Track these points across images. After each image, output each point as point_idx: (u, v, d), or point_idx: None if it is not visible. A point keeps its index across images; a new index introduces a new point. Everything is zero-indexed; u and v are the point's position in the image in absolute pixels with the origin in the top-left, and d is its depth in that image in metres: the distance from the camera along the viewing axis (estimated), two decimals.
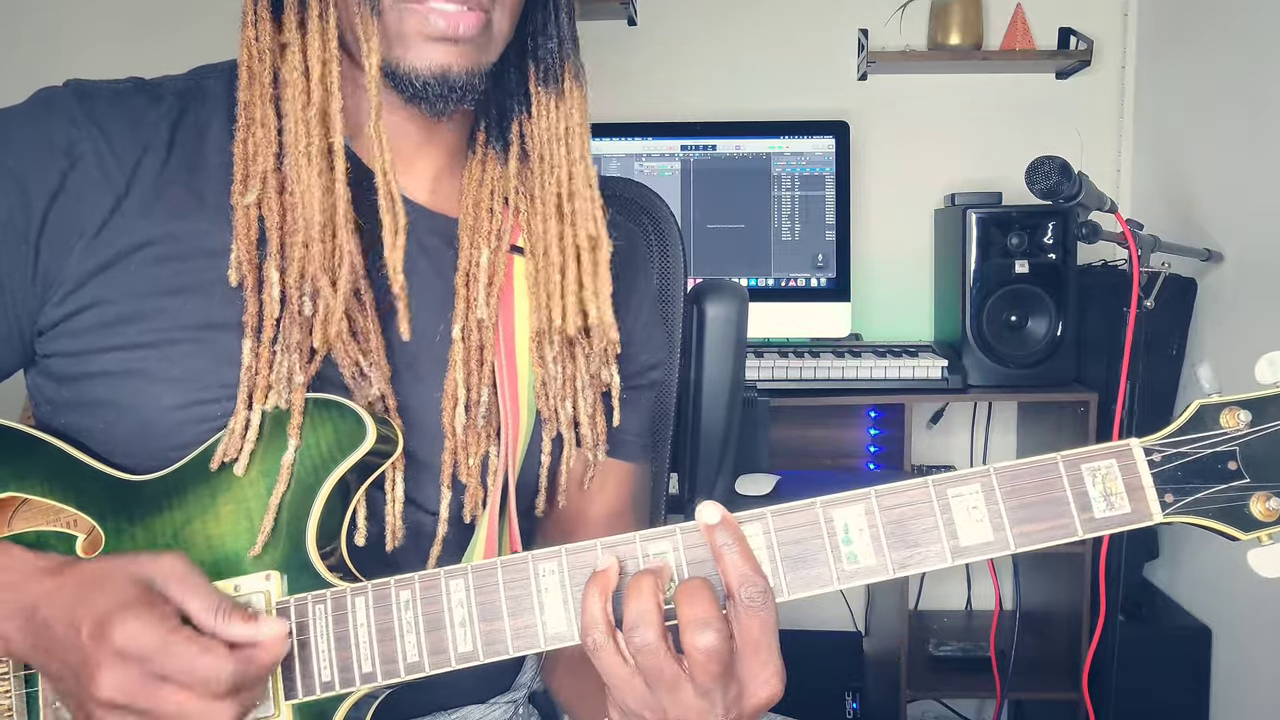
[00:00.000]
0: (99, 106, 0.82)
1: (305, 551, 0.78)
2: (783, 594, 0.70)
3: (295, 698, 0.76)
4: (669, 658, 0.67)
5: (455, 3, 0.81)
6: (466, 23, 0.81)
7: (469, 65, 0.83)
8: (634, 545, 0.72)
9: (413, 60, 0.82)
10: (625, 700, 0.69)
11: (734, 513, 0.71)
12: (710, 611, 0.67)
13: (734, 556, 0.68)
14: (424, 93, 0.83)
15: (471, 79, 0.84)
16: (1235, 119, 2.17)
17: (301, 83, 0.81)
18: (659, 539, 0.72)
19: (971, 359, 2.24)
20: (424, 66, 0.82)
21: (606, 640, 0.68)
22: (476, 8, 0.82)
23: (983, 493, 0.70)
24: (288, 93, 0.82)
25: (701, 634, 0.66)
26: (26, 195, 0.80)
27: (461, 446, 0.88)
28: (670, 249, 1.35)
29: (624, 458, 1.02)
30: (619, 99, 2.62)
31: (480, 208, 0.92)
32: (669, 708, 0.68)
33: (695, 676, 0.67)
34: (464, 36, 0.82)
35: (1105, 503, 0.69)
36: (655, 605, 0.67)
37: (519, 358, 0.92)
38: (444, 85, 0.83)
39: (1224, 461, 0.69)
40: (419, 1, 0.81)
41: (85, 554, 0.80)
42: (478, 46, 0.83)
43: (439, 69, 0.82)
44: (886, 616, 2.45)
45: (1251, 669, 2.09)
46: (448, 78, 0.82)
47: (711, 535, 0.69)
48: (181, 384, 0.81)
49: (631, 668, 0.68)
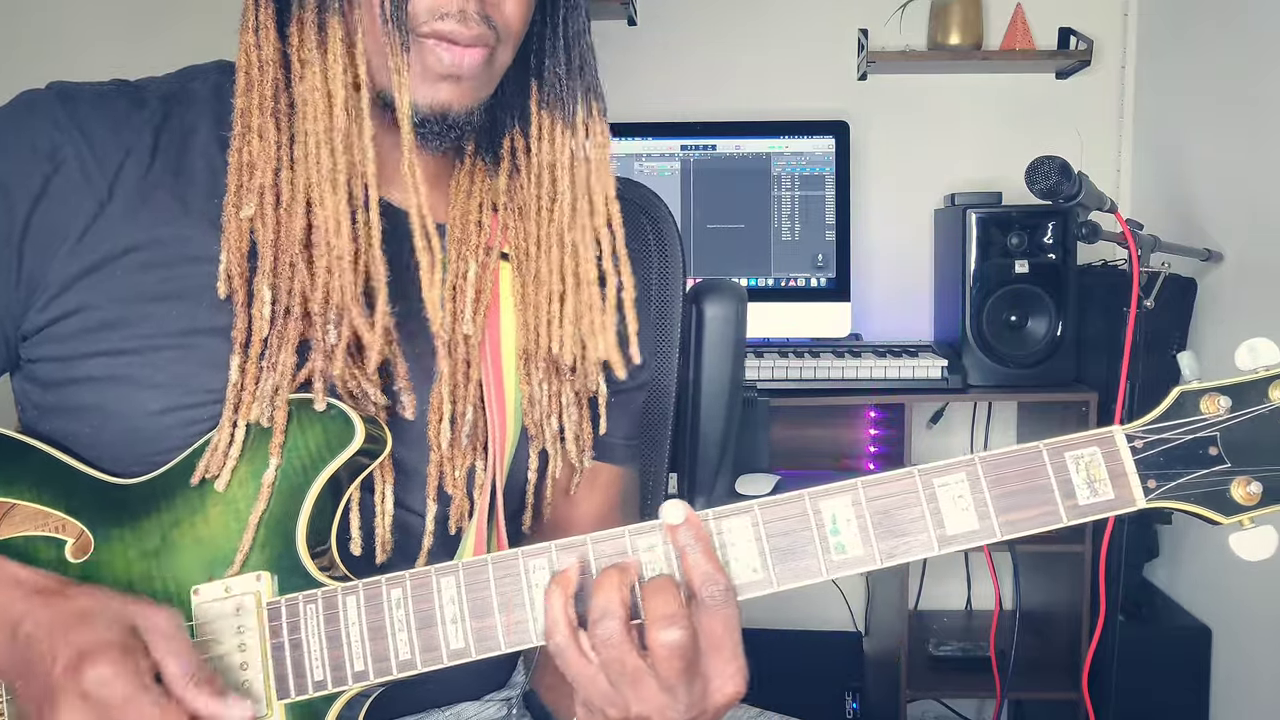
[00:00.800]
0: (81, 109, 0.81)
1: (296, 552, 0.78)
2: (773, 585, 0.71)
3: (288, 697, 0.76)
4: (631, 651, 0.68)
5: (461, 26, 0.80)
6: (471, 58, 0.81)
7: (469, 103, 0.83)
8: (623, 540, 0.72)
9: (415, 96, 0.81)
10: (589, 696, 0.71)
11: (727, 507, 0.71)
12: (674, 608, 0.68)
13: (696, 556, 0.69)
14: (422, 128, 0.82)
15: (470, 117, 0.84)
16: (1235, 119, 2.17)
17: (324, 105, 0.80)
18: (648, 533, 0.72)
19: (971, 359, 2.24)
20: (425, 103, 0.82)
21: (569, 641, 0.70)
22: (480, 44, 0.81)
23: (968, 481, 0.70)
24: (308, 114, 0.80)
25: (666, 630, 0.67)
26: (8, 199, 0.80)
27: (447, 459, 0.88)
28: (669, 249, 1.34)
29: (611, 461, 1.02)
30: (619, 99, 2.59)
31: (468, 219, 0.91)
32: (632, 702, 0.69)
33: (659, 672, 0.68)
34: (467, 74, 0.81)
35: (1089, 489, 0.70)
36: (620, 599, 0.69)
37: (506, 371, 0.91)
38: (442, 123, 0.83)
39: (1205, 447, 0.70)
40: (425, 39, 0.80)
41: (74, 558, 0.80)
42: (479, 84, 0.83)
43: (440, 107, 0.82)
44: (886, 616, 2.45)
45: (1251, 669, 2.09)
46: (447, 116, 0.82)
47: (675, 535, 0.70)
48: (166, 389, 0.81)
49: (595, 665, 0.69)
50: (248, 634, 0.77)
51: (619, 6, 2.48)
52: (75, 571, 0.80)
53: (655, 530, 0.72)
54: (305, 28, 0.81)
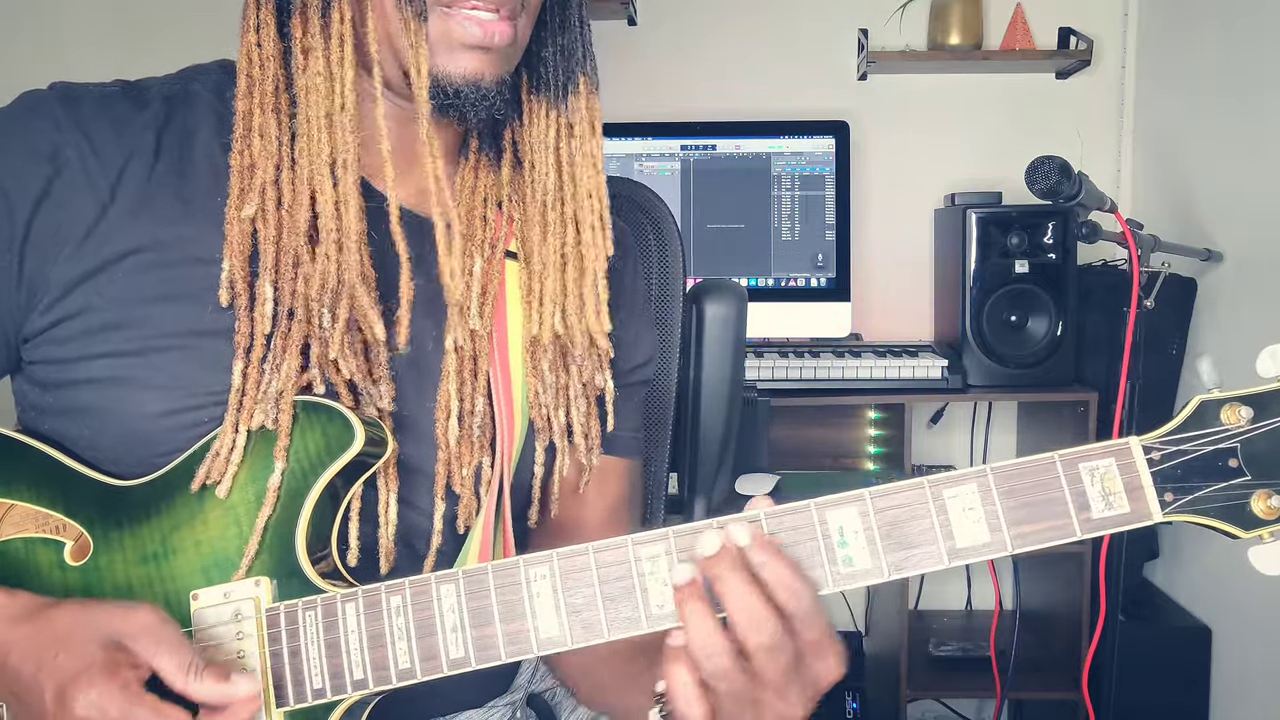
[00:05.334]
0: (84, 111, 0.81)
1: (295, 557, 0.78)
2: None
3: (286, 705, 0.75)
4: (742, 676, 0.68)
5: (489, 10, 0.81)
6: (501, 32, 0.81)
7: (499, 74, 0.83)
8: (625, 549, 0.71)
9: (446, 67, 0.81)
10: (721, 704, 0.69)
11: (732, 513, 0.70)
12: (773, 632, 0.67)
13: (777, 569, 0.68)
14: (456, 100, 0.82)
15: (501, 87, 0.84)
16: (1235, 119, 2.16)
17: (326, 88, 0.80)
18: (651, 542, 0.71)
19: (971, 359, 2.23)
20: (458, 74, 0.81)
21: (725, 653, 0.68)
22: (508, 17, 0.82)
23: (979, 493, 0.69)
24: (311, 100, 0.80)
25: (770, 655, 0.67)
26: (10, 201, 0.79)
27: (455, 457, 0.87)
28: (669, 249, 1.34)
29: (617, 454, 1.02)
30: (619, 99, 2.61)
31: (473, 215, 0.91)
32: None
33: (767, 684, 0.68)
34: (497, 46, 0.82)
35: (1104, 502, 0.68)
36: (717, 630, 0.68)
37: (513, 366, 0.91)
38: (476, 93, 0.82)
39: (1225, 459, 0.68)
40: (453, 7, 0.80)
41: (73, 560, 0.80)
42: (506, 56, 0.83)
43: (473, 76, 0.82)
44: (886, 616, 2.45)
45: (1251, 669, 2.09)
46: (480, 85, 0.82)
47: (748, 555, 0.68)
48: (168, 391, 0.80)
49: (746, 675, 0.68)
50: (246, 640, 0.76)
51: (619, 6, 2.48)
52: (74, 574, 0.79)
53: (657, 541, 0.71)
54: (309, 16, 0.81)
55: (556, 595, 0.72)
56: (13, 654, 0.71)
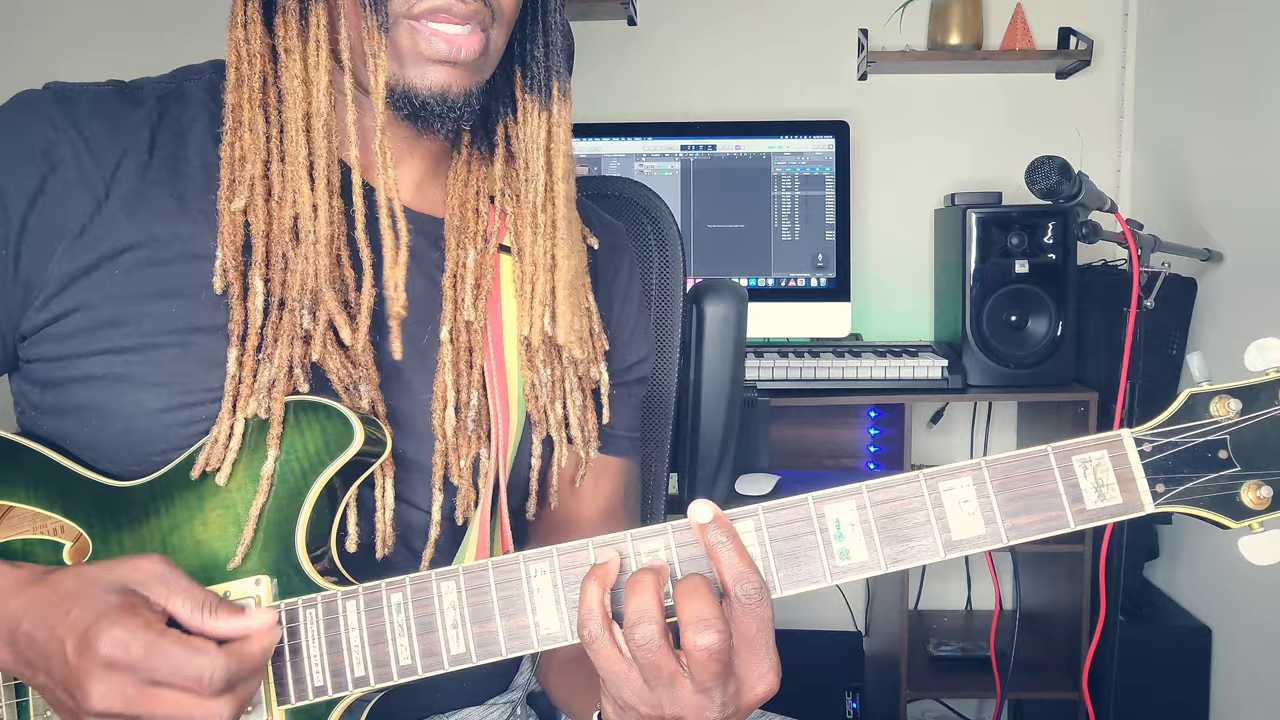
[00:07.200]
0: (78, 109, 0.81)
1: (295, 555, 0.78)
2: (776, 591, 0.70)
3: (287, 702, 0.75)
4: (669, 655, 0.67)
5: (458, 24, 0.81)
6: (468, 46, 0.81)
7: (467, 86, 0.83)
8: (626, 544, 0.71)
9: (412, 79, 0.82)
10: (621, 694, 0.69)
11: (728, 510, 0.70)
12: (711, 610, 0.66)
13: (729, 554, 0.68)
14: (421, 111, 0.83)
15: (469, 99, 0.84)
16: (1235, 119, 2.17)
17: (302, 91, 0.81)
18: (651, 537, 0.71)
19: (971, 359, 2.24)
20: (424, 86, 0.82)
21: (603, 632, 0.68)
22: (478, 29, 0.82)
23: (974, 486, 0.69)
24: (289, 101, 0.81)
25: (703, 633, 0.66)
26: (5, 198, 0.80)
27: (452, 449, 0.88)
28: (669, 249, 1.34)
29: (614, 453, 1.02)
30: (619, 99, 2.63)
31: (466, 208, 0.92)
32: (666, 704, 0.68)
33: (695, 674, 0.67)
34: (464, 60, 0.82)
35: (1097, 494, 0.69)
36: (657, 602, 0.67)
37: (508, 359, 0.92)
38: (443, 105, 0.83)
39: (1215, 450, 0.69)
40: (420, 20, 0.80)
41: (72, 561, 0.80)
42: (476, 67, 0.84)
43: (439, 89, 0.82)
44: (886, 616, 2.45)
45: (1251, 669, 2.09)
46: (446, 98, 0.82)
47: (704, 533, 0.69)
48: (166, 388, 0.81)
49: (628, 661, 0.68)
50: None
51: (619, 6, 2.48)
52: None
53: (656, 535, 0.71)
54: (289, 17, 0.82)
55: (556, 591, 0.72)
56: (24, 621, 0.71)
